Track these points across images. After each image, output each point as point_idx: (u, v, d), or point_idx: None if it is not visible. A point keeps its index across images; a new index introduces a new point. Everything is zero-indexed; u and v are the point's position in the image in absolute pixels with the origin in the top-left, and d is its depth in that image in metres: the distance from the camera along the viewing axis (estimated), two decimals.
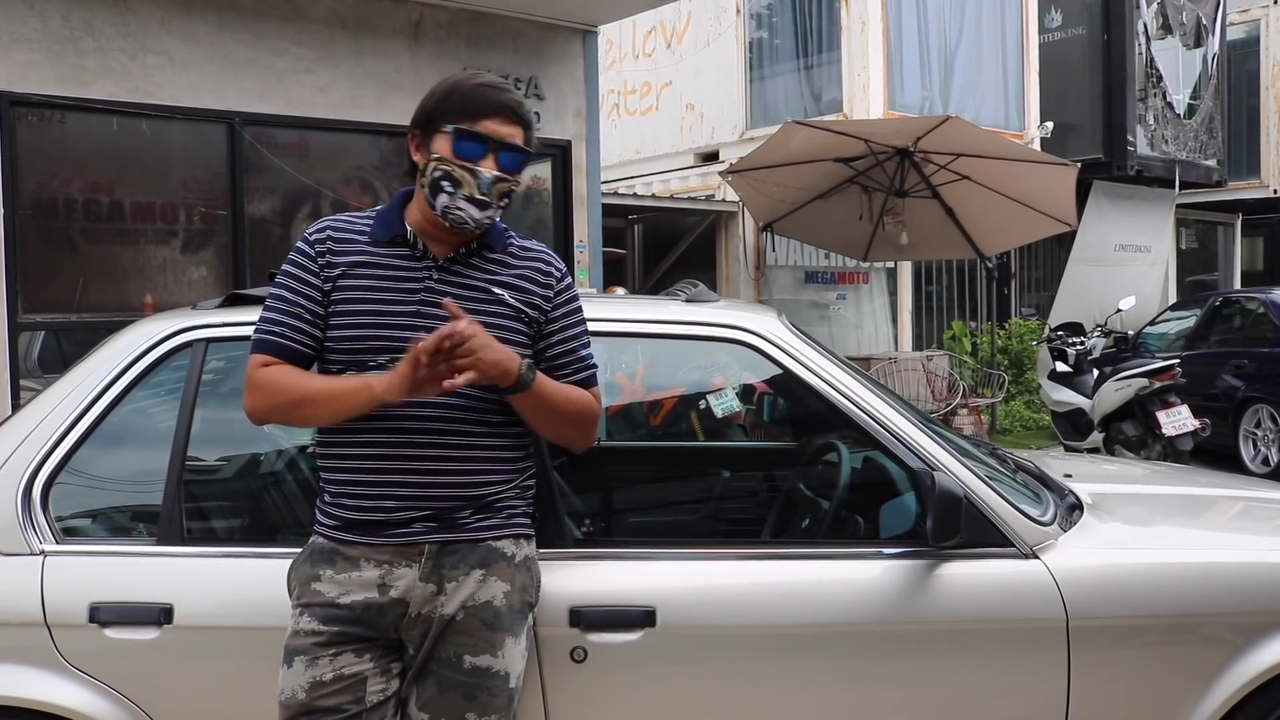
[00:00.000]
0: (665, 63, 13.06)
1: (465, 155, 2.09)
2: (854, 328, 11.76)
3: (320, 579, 2.12)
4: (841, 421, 2.63)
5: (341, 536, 2.12)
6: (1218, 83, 15.42)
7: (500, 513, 2.17)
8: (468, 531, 2.13)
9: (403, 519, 2.10)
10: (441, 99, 2.14)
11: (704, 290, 2.83)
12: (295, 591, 2.16)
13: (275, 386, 2.09)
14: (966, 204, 9.51)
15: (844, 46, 11.40)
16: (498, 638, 2.12)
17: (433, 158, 2.11)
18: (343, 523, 2.13)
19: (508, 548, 2.17)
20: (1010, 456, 3.27)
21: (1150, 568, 2.54)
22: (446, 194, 2.09)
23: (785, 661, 2.42)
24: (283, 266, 2.19)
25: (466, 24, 7.39)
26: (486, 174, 2.09)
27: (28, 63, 5.82)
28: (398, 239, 2.18)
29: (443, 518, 2.12)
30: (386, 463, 2.10)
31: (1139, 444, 7.83)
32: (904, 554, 2.48)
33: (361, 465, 2.12)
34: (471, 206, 2.10)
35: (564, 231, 7.92)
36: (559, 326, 2.23)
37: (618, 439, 4.90)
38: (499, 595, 2.13)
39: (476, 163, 2.09)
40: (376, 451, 2.11)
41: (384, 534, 2.11)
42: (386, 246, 2.17)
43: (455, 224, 2.11)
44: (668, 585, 2.41)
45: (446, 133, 2.11)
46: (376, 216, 2.21)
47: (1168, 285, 15.45)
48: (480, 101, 2.11)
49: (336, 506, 2.14)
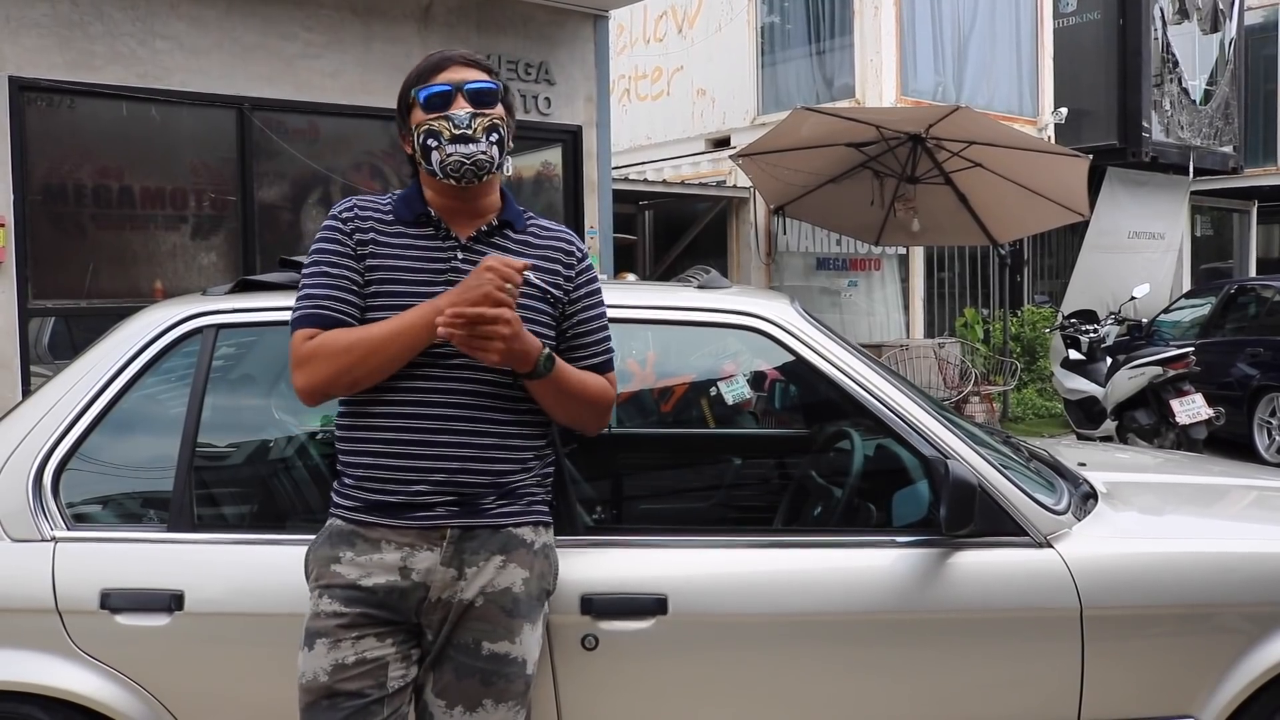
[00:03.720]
0: (676, 48, 13.01)
1: (435, 108, 2.13)
2: (866, 314, 11.72)
3: (340, 560, 2.10)
4: (854, 409, 2.61)
5: (362, 518, 2.11)
6: (1235, 68, 15.29)
7: (521, 499, 2.17)
8: (490, 517, 2.13)
9: (426, 502, 2.09)
10: (404, 86, 2.20)
11: (716, 276, 2.81)
12: (314, 573, 2.14)
13: (335, 348, 2.05)
14: (979, 191, 9.46)
15: (856, 31, 11.34)
16: (516, 624, 2.11)
17: (414, 129, 2.16)
18: (364, 504, 2.11)
19: (528, 534, 2.17)
20: (1024, 445, 3.25)
21: (1164, 557, 2.52)
22: (435, 150, 2.12)
23: (797, 650, 2.41)
24: (315, 244, 2.18)
25: (476, 8, 7.36)
26: (460, 113, 2.12)
27: (37, 47, 5.82)
28: (421, 218, 2.19)
29: (466, 502, 2.11)
30: (412, 447, 2.09)
31: (1152, 432, 7.79)
32: (917, 542, 2.47)
33: (387, 449, 2.10)
34: (459, 145, 2.11)
35: (575, 217, 7.91)
36: (580, 308, 2.23)
37: (629, 425, 4.89)
38: (518, 582, 2.12)
39: (447, 109, 2.13)
40: (402, 435, 2.10)
41: (406, 516, 2.09)
42: (411, 226, 2.18)
43: (455, 171, 2.12)
44: (679, 573, 2.40)
45: (415, 101, 2.16)
46: (397, 198, 2.23)
47: (1182, 272, 15.37)
48: (432, 63, 2.18)
49: (359, 489, 2.13)
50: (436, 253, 2.16)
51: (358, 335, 2.07)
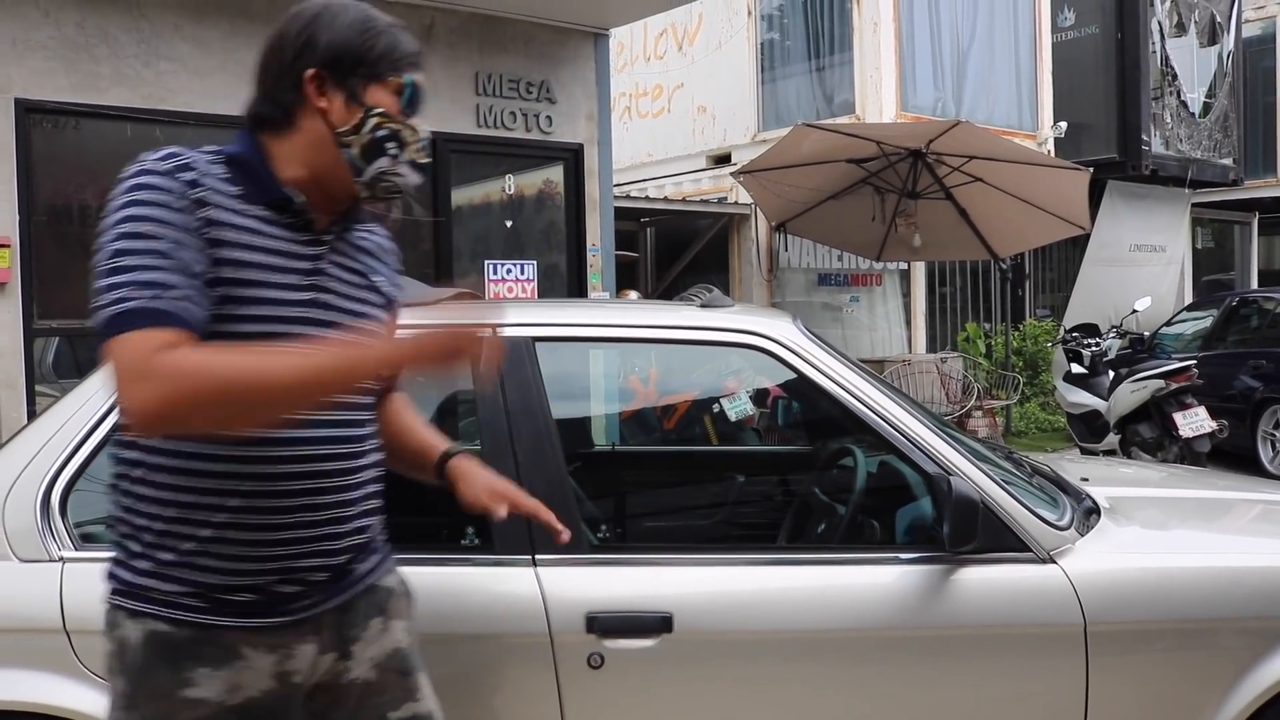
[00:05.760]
0: (677, 65, 13.07)
1: (411, 107, 1.72)
2: (867, 330, 11.73)
3: (193, 683, 1.58)
4: (857, 426, 2.62)
5: (206, 620, 1.60)
6: (1233, 80, 15.35)
7: (381, 546, 1.87)
8: (361, 581, 1.79)
9: (293, 593, 1.65)
10: (362, 35, 1.68)
11: (719, 295, 2.83)
12: (156, 713, 1.59)
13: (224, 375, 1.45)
14: (980, 206, 9.49)
15: (856, 48, 11.39)
16: (413, 681, 1.85)
17: (374, 112, 1.67)
18: (205, 600, 1.60)
19: (392, 581, 1.88)
20: (1026, 460, 3.25)
21: (1169, 572, 2.52)
22: (389, 156, 1.68)
23: (802, 667, 2.41)
24: (138, 204, 1.53)
25: (478, 28, 7.40)
26: (424, 133, 1.74)
27: (43, 69, 5.85)
28: (279, 204, 1.66)
29: (338, 575, 1.72)
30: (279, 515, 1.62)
31: (1156, 446, 7.79)
32: (920, 559, 2.47)
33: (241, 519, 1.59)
34: (414, 171, 1.72)
35: (576, 235, 7.93)
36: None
37: (631, 443, 4.90)
38: (402, 636, 1.85)
39: (416, 115, 1.74)
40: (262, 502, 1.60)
41: (277, 612, 1.64)
42: (263, 209, 1.64)
43: (387, 193, 1.71)
44: (684, 591, 2.40)
45: (391, 83, 1.69)
46: (233, 166, 1.64)
47: (1184, 285, 15.38)
48: (408, 49, 1.73)
49: (188, 568, 1.60)
50: (299, 248, 1.67)
51: (266, 366, 1.48)
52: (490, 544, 2.42)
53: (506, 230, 7.74)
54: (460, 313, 1.81)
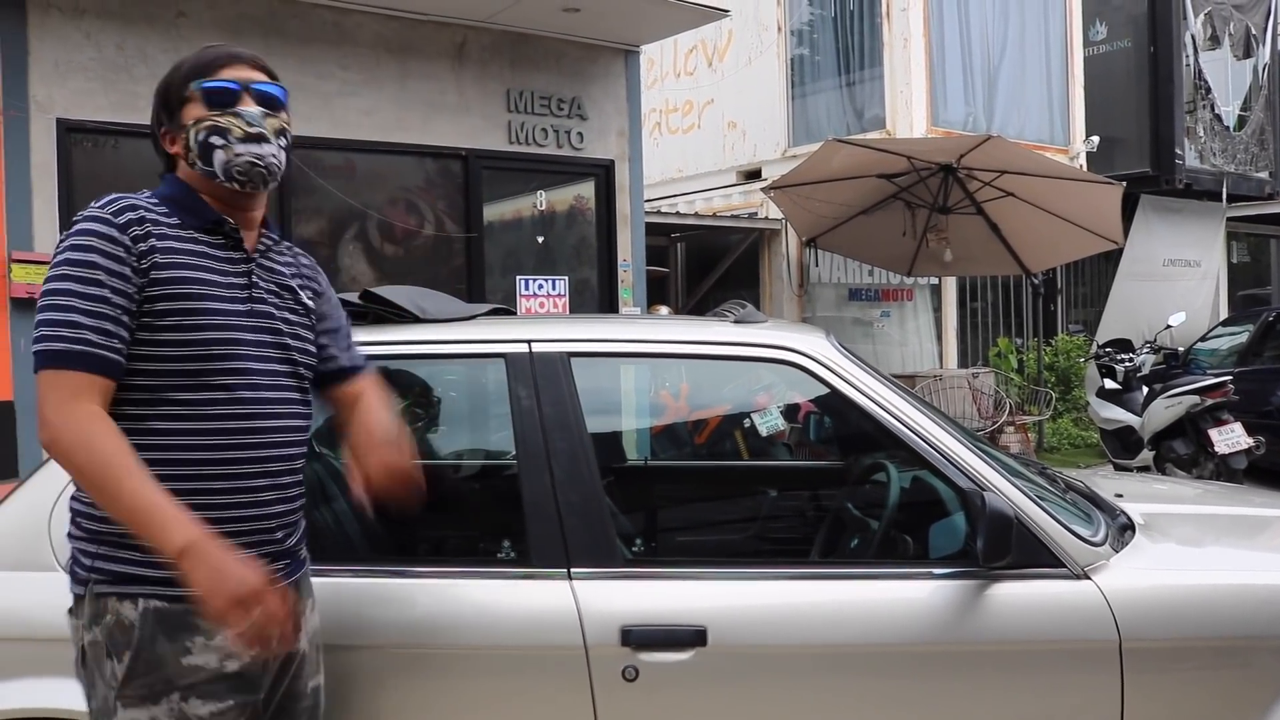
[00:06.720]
0: (707, 81, 13.11)
1: (221, 103, 1.91)
2: (898, 345, 11.70)
3: (191, 651, 1.79)
4: (890, 441, 2.63)
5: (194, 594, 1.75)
6: (1269, 94, 15.21)
7: (301, 528, 2.07)
8: (299, 561, 2.06)
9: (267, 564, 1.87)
10: (172, 76, 1.96)
11: (752, 311, 2.84)
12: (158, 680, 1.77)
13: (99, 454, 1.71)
14: (1012, 221, 9.45)
15: (886, 63, 11.39)
16: (320, 656, 2.12)
17: (190, 126, 1.91)
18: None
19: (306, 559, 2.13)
20: (1060, 476, 3.24)
21: (1204, 589, 2.51)
22: (220, 148, 1.88)
23: (835, 681, 2.41)
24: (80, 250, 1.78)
25: (510, 45, 7.47)
26: (251, 110, 1.91)
27: (84, 90, 5.97)
28: (212, 227, 1.93)
29: (290, 552, 1.99)
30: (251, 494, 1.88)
31: (1190, 462, 7.71)
32: (954, 574, 2.47)
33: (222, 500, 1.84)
34: (251, 145, 1.89)
35: (607, 251, 7.98)
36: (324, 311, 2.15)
37: (663, 458, 4.91)
38: (317, 614, 2.12)
39: (235, 106, 1.91)
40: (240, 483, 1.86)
41: None
42: (200, 234, 1.91)
43: (245, 173, 1.90)
44: (718, 604, 2.42)
45: (194, 95, 1.92)
46: (170, 203, 1.92)
47: (1219, 300, 15.22)
48: (211, 56, 1.96)
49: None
50: (233, 266, 1.93)
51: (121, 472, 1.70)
52: (526, 557, 2.45)
53: (538, 246, 7.79)
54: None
